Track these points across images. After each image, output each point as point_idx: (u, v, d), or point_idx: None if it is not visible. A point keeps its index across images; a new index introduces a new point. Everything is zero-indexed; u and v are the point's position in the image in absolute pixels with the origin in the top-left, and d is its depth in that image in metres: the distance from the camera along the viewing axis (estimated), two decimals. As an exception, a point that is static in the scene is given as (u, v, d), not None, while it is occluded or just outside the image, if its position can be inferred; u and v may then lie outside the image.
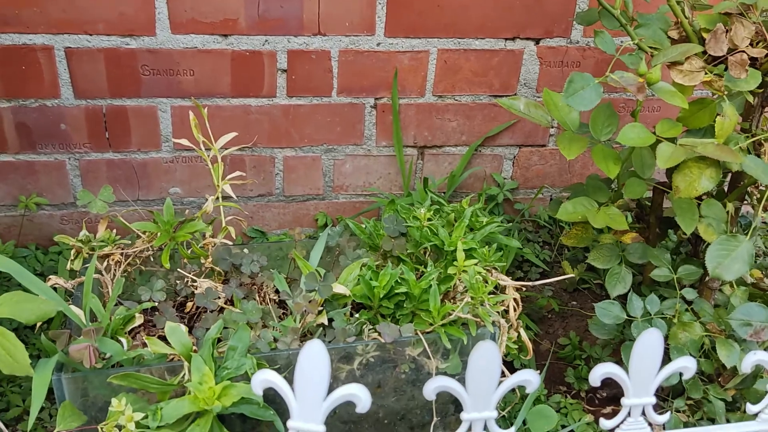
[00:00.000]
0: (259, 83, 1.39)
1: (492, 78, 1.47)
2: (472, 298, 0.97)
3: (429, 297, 0.97)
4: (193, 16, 1.30)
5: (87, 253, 1.02)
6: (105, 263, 1.03)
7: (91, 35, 1.28)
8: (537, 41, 1.46)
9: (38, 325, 0.98)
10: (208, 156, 1.13)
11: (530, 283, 1.11)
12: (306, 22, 1.35)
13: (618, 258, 1.20)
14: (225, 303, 1.03)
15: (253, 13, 1.32)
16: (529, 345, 1.07)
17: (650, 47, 1.04)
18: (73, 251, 1.02)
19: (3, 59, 1.26)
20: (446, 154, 1.55)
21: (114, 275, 1.02)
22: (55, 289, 0.98)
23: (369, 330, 0.97)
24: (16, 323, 1.05)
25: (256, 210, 1.53)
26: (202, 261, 1.08)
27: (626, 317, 1.12)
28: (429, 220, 1.07)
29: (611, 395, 1.25)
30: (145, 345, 0.88)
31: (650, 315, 1.12)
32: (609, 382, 0.73)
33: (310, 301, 0.94)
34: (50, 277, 0.95)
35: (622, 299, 1.16)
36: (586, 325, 1.41)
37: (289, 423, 0.69)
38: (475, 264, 1.01)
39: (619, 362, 1.11)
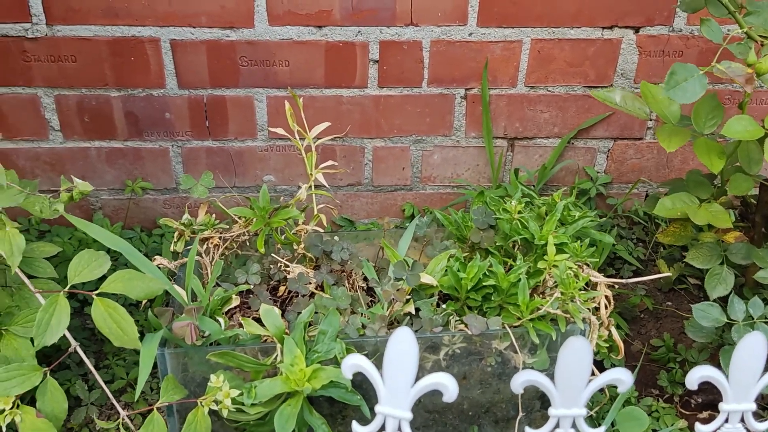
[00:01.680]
0: (352, 74, 1.41)
1: (587, 68, 1.43)
2: (562, 293, 0.95)
3: (517, 291, 0.96)
4: (290, 8, 1.33)
5: (188, 236, 1.07)
6: (204, 246, 1.08)
7: (194, 28, 1.34)
8: (636, 30, 1.41)
9: (143, 303, 1.04)
10: (302, 145, 1.16)
11: (623, 281, 1.08)
12: (398, 13, 1.36)
13: (719, 258, 1.15)
14: (315, 288, 1.06)
15: (347, 4, 1.34)
16: (621, 344, 1.04)
17: (760, 36, 0.99)
18: (176, 234, 1.08)
19: (114, 50, 1.33)
20: (537, 146, 1.52)
21: (213, 258, 1.07)
22: (159, 268, 1.04)
23: (456, 321, 0.97)
24: (122, 299, 1.11)
25: (345, 199, 1.56)
26: (295, 247, 1.11)
27: (726, 320, 1.07)
28: (519, 212, 1.06)
29: (707, 401, 1.20)
30: (240, 325, 0.92)
31: (752, 319, 1.07)
32: (705, 387, 0.71)
33: (398, 290, 0.95)
34: (155, 257, 1.01)
35: (723, 301, 1.11)
36: (681, 327, 1.36)
37: (377, 408, 0.70)
38: (566, 259, 0.99)
39: (716, 367, 1.06)
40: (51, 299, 0.75)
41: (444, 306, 1.01)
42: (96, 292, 0.78)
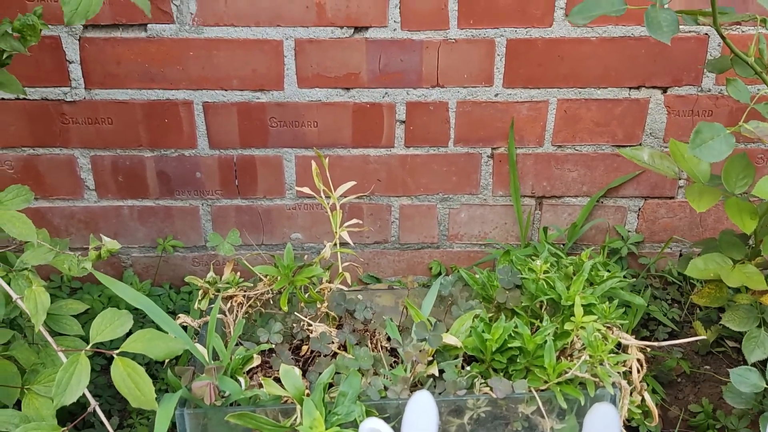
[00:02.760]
0: (378, 134, 1.43)
1: (615, 127, 1.43)
2: (590, 356, 0.92)
3: (544, 353, 0.93)
4: (319, 71, 1.37)
5: (213, 294, 1.08)
6: (229, 304, 1.09)
7: (226, 90, 1.38)
8: (664, 90, 1.40)
9: (167, 361, 1.04)
10: (328, 204, 1.17)
11: (656, 344, 1.04)
12: (425, 75, 1.38)
13: (757, 320, 1.11)
14: (338, 348, 1.05)
15: (374, 67, 1.37)
16: (655, 410, 1.00)
17: (790, 94, 0.97)
18: (200, 292, 1.08)
19: (148, 113, 1.38)
20: (566, 205, 1.51)
21: (236, 316, 1.07)
22: (184, 327, 1.05)
23: (480, 384, 0.95)
24: (147, 358, 1.12)
25: (371, 257, 1.55)
26: (318, 305, 1.11)
27: (765, 386, 1.02)
28: (545, 272, 1.04)
29: (749, 471, 1.14)
30: (261, 385, 0.91)
31: (794, 385, 1.02)
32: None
33: (420, 351, 0.93)
34: (179, 315, 1.01)
35: (762, 365, 1.06)
36: (720, 392, 1.30)
37: (396, 475, 0.68)
38: (595, 320, 0.96)
39: (759, 436, 1.01)
40: (72, 358, 0.75)
41: (468, 368, 0.98)
42: (117, 351, 0.78)
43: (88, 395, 0.79)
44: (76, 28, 1.30)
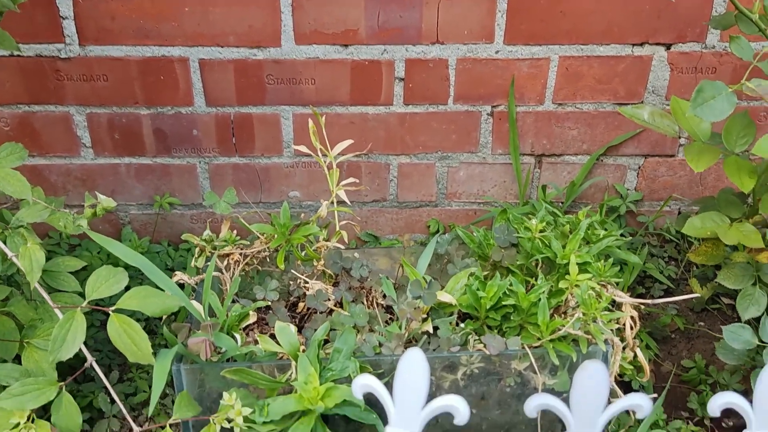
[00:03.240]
0: (377, 91, 1.41)
1: (617, 85, 1.41)
2: (583, 314, 0.93)
3: (538, 310, 0.94)
4: (316, 27, 1.34)
5: (209, 252, 1.08)
6: (225, 262, 1.09)
7: (222, 47, 1.36)
8: (668, 46, 1.38)
9: (164, 317, 1.05)
10: (325, 162, 1.16)
11: (650, 301, 1.05)
12: (424, 31, 1.36)
13: (752, 278, 1.11)
14: (334, 305, 1.05)
15: (372, 24, 1.34)
16: (646, 366, 1.01)
17: (794, 51, 0.96)
18: (197, 249, 1.09)
19: (144, 70, 1.36)
20: (565, 163, 1.50)
21: (233, 274, 1.08)
22: (182, 285, 1.06)
23: (474, 341, 0.95)
24: (146, 315, 1.13)
25: (370, 215, 1.55)
26: (315, 263, 1.11)
27: (758, 343, 1.03)
28: (541, 231, 1.04)
29: (738, 424, 1.16)
30: (257, 342, 0.92)
31: (786, 343, 1.02)
32: (735, 411, 0.68)
33: (414, 308, 0.94)
34: (176, 273, 1.02)
35: (756, 322, 1.07)
36: (713, 348, 1.31)
37: (387, 429, 0.69)
38: (589, 279, 0.97)
39: (748, 391, 1.02)
40: (68, 315, 0.76)
41: (463, 325, 0.99)
42: (112, 308, 0.79)
43: (85, 351, 0.80)
44: (68, -18, 1.28)
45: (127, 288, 0.86)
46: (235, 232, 1.14)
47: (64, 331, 0.75)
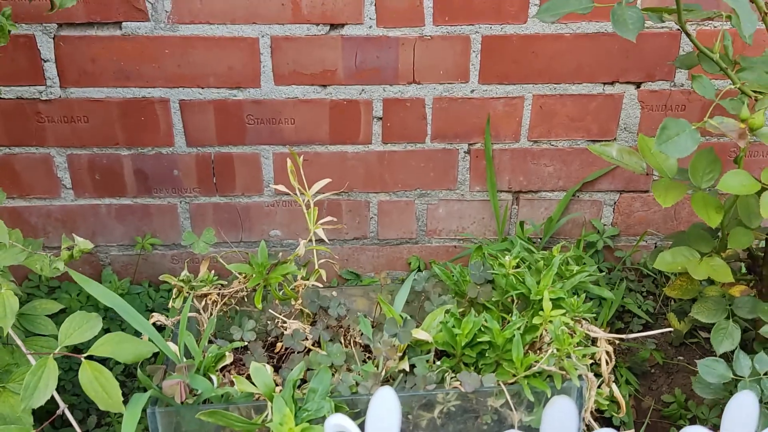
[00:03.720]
0: (356, 130, 1.44)
1: (590, 123, 1.44)
2: (557, 349, 0.94)
3: (512, 347, 0.94)
4: (295, 68, 1.37)
5: (187, 293, 1.09)
6: (203, 302, 1.09)
7: (202, 88, 1.38)
8: (638, 85, 1.42)
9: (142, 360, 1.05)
10: (303, 201, 1.18)
11: (625, 336, 1.06)
12: (401, 72, 1.39)
13: (725, 312, 1.13)
14: (312, 345, 1.06)
15: (350, 64, 1.37)
16: (622, 401, 1.02)
17: (754, 91, 0.99)
18: (175, 290, 1.09)
19: (125, 111, 1.38)
20: (542, 200, 1.52)
21: (211, 314, 1.08)
22: (160, 326, 1.05)
23: (451, 378, 0.96)
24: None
25: (351, 253, 1.56)
26: (293, 303, 1.12)
27: (733, 376, 1.04)
28: (515, 267, 1.05)
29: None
30: (233, 383, 0.92)
31: (759, 375, 1.04)
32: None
33: (391, 347, 0.95)
34: (153, 314, 1.02)
35: (731, 356, 1.08)
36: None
37: (359, 470, 0.69)
38: (563, 314, 0.98)
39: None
40: (40, 362, 0.76)
41: (440, 363, 1.00)
42: (84, 355, 0.79)
43: (57, 397, 0.80)
44: (50, 26, 1.30)
45: (107, 330, 0.86)
46: (213, 272, 1.14)
47: (36, 378, 0.75)
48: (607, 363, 1.01)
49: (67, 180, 1.43)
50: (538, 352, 1.00)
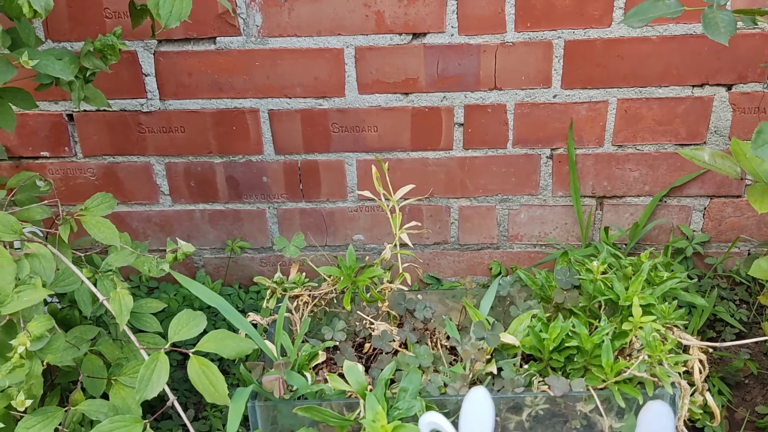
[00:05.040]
0: (437, 137, 1.46)
1: (678, 126, 1.41)
2: (648, 356, 0.93)
3: (602, 352, 0.94)
4: (378, 77, 1.41)
5: (280, 294, 1.13)
6: (295, 303, 1.14)
7: (290, 98, 1.43)
8: (729, 87, 1.38)
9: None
10: (388, 206, 1.21)
11: (718, 344, 1.04)
12: (482, 78, 1.40)
13: (826, 322, 1.08)
14: (399, 346, 1.08)
15: (432, 72, 1.40)
16: (716, 410, 0.99)
17: None
18: (268, 291, 1.14)
19: (218, 121, 1.45)
20: (627, 205, 1.50)
21: (302, 314, 1.12)
22: (254, 325, 1.11)
23: (538, 382, 0.96)
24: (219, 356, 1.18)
25: (432, 257, 1.58)
26: (379, 305, 1.15)
27: (836, 389, 1.00)
28: (603, 273, 1.05)
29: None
30: (326, 381, 0.96)
31: None
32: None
33: (479, 349, 0.96)
34: (249, 314, 1.07)
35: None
36: (789, 395, 1.27)
37: (454, 467, 0.71)
38: (653, 320, 0.97)
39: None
40: (153, 356, 0.81)
41: (527, 366, 1.00)
42: (192, 350, 0.84)
43: (167, 390, 0.85)
44: (151, 43, 1.39)
45: (205, 331, 0.91)
46: (304, 274, 1.19)
47: (150, 371, 0.81)
48: (700, 372, 0.99)
49: (165, 187, 1.51)
50: (627, 358, 0.99)
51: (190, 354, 0.84)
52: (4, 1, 0.80)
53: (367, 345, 1.12)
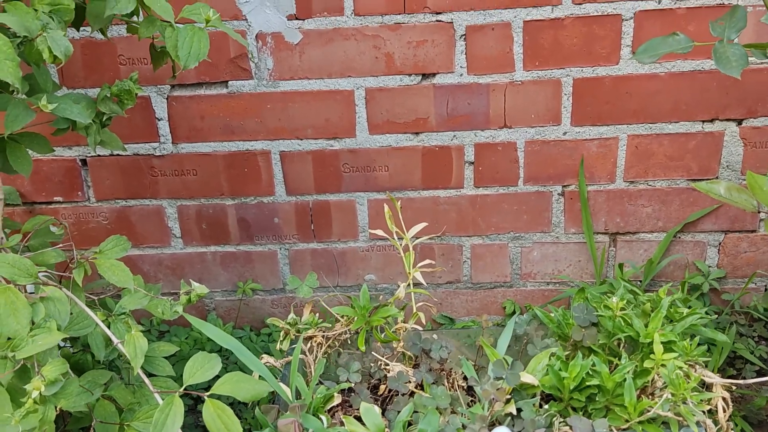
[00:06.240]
0: (448, 175, 1.46)
1: (689, 161, 1.41)
2: (672, 394, 0.91)
3: (624, 391, 0.92)
4: (389, 118, 1.42)
5: (293, 335, 1.12)
6: (308, 344, 1.13)
7: (301, 139, 1.44)
8: (739, 122, 1.38)
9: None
10: (401, 245, 1.20)
11: (743, 382, 1.01)
12: (492, 117, 1.41)
13: None
14: (415, 387, 1.06)
15: (442, 112, 1.41)
16: (744, 451, 0.96)
17: None
18: (282, 333, 1.13)
19: (230, 163, 1.46)
20: (641, 241, 1.49)
21: (316, 356, 1.11)
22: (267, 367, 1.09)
23: (559, 423, 0.94)
24: (231, 398, 1.17)
25: (444, 296, 1.57)
26: (394, 345, 1.13)
27: None
28: (622, 309, 1.03)
29: None
30: (342, 423, 0.94)
31: None
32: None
33: (497, 389, 0.94)
34: (263, 356, 1.05)
35: None
36: (816, 434, 1.24)
37: None
38: (675, 358, 0.95)
39: None
40: (167, 400, 0.80)
41: (547, 406, 0.98)
42: (207, 393, 0.83)
43: (182, 433, 0.84)
44: (164, 87, 1.41)
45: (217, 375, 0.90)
46: (317, 315, 1.17)
47: (164, 416, 0.79)
48: (724, 410, 0.97)
49: (177, 229, 1.52)
50: (650, 397, 0.97)
51: (205, 397, 0.83)
52: (24, 47, 0.81)
53: (382, 386, 1.10)
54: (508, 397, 0.98)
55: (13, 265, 0.84)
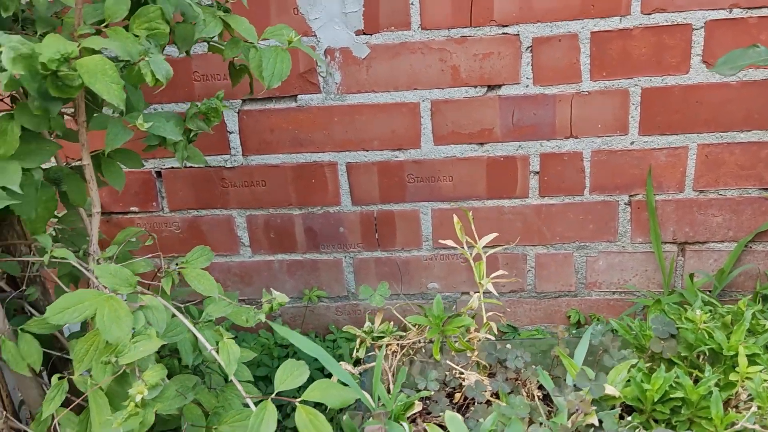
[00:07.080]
0: (512, 185, 1.47)
1: (762, 170, 1.39)
2: (759, 407, 0.90)
3: (709, 404, 0.91)
4: (453, 129, 1.43)
5: (369, 343, 1.14)
6: (384, 352, 1.14)
7: (367, 151, 1.47)
8: (812, 129, 1.36)
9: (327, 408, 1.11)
10: (471, 255, 1.21)
11: (827, 396, 0.99)
12: (558, 127, 1.41)
13: None
14: (491, 396, 1.07)
15: (507, 122, 1.42)
16: (833, 467, 0.95)
17: None
18: (357, 341, 1.15)
19: (298, 175, 1.49)
20: (711, 251, 1.47)
21: (391, 364, 1.13)
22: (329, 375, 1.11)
23: (642, 434, 0.94)
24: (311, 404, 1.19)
25: (507, 306, 1.57)
26: (468, 354, 1.14)
27: None
28: (705, 322, 1.03)
29: None
30: (426, 431, 0.95)
31: None
32: None
33: (582, 401, 0.94)
34: (342, 363, 1.08)
35: None
36: None
37: None
38: (761, 371, 0.94)
39: None
40: (262, 406, 0.82)
41: (630, 418, 0.98)
42: (298, 400, 0.85)
43: (275, 438, 0.86)
44: (235, 102, 1.45)
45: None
46: (392, 323, 1.19)
47: (259, 420, 0.82)
48: (811, 424, 0.95)
49: (246, 238, 1.56)
50: (734, 410, 0.96)
51: (297, 404, 0.85)
52: (125, 71, 0.85)
53: (457, 395, 1.11)
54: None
55: (114, 275, 0.87)
